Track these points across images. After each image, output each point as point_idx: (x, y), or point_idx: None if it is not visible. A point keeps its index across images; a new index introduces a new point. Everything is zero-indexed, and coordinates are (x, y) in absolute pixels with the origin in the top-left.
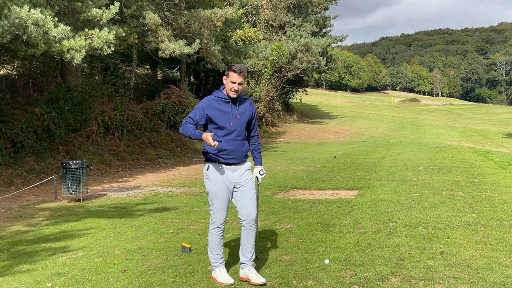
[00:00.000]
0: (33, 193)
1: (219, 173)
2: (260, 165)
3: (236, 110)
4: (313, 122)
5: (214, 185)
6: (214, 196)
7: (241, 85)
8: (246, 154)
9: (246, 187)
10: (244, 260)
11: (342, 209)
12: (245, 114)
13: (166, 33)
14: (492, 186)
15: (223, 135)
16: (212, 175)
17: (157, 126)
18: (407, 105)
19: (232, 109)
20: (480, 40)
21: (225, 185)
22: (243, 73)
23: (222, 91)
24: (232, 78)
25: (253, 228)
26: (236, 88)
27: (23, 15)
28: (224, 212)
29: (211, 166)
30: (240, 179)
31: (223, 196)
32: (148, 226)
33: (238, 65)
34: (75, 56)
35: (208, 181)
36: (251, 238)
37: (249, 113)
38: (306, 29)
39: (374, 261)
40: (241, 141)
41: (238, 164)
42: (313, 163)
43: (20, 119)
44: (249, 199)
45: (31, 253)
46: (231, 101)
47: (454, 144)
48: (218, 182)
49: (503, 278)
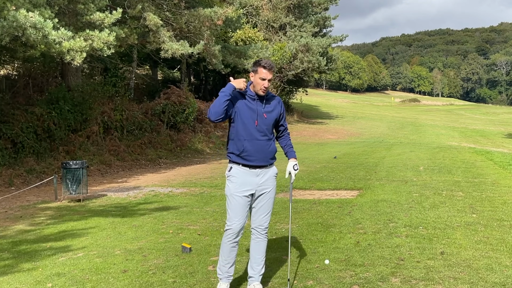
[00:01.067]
0: (33, 194)
1: (241, 176)
2: (294, 158)
3: (263, 108)
4: (313, 122)
5: (232, 187)
6: (231, 199)
7: (271, 81)
8: (273, 156)
9: (267, 196)
10: (252, 274)
11: (342, 210)
12: (273, 113)
13: (167, 33)
14: (492, 186)
15: (246, 134)
16: (233, 176)
17: (157, 126)
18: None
19: (259, 106)
20: (480, 40)
21: (245, 189)
22: (273, 69)
23: (249, 88)
24: (262, 74)
25: (263, 238)
26: (266, 86)
27: (21, 18)
28: (240, 220)
29: (234, 168)
30: (263, 185)
31: (241, 202)
32: (148, 226)
33: (267, 60)
34: (76, 58)
35: (229, 183)
36: (261, 249)
37: (277, 112)
38: (306, 29)
39: (374, 261)
40: (267, 142)
41: (263, 168)
42: (313, 163)
43: (20, 120)
44: (266, 209)
45: (31, 253)
46: (258, 98)
47: (454, 144)
48: (238, 184)
49: (503, 278)
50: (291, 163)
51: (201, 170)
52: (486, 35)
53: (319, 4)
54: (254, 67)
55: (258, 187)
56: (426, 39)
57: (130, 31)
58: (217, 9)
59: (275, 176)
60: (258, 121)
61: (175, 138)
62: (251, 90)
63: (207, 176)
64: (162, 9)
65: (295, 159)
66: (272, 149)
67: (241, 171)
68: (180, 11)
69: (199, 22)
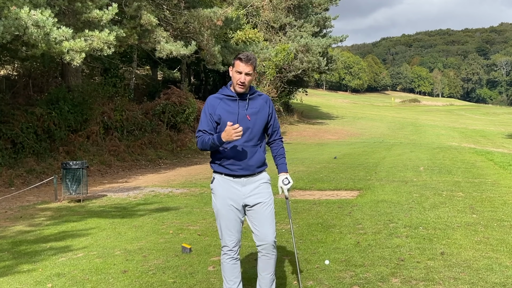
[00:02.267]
0: (33, 194)
1: (225, 188)
2: (284, 172)
3: (245, 110)
4: (313, 123)
5: (218, 202)
6: (219, 215)
7: (250, 76)
8: (261, 163)
9: (262, 204)
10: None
11: (343, 210)
12: (259, 115)
13: (163, 33)
14: (492, 187)
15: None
16: (217, 189)
17: (157, 126)
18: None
19: (240, 108)
20: (481, 41)
21: (231, 202)
22: (251, 61)
23: (229, 88)
24: (238, 67)
25: (272, 255)
26: (243, 80)
27: (23, 16)
28: (232, 235)
29: (216, 178)
30: (251, 194)
31: (230, 216)
32: (148, 226)
33: (245, 52)
34: (75, 58)
35: (213, 197)
36: (269, 267)
37: (264, 113)
38: (306, 29)
39: (374, 261)
40: (252, 148)
41: (249, 176)
42: (313, 163)
43: (20, 120)
44: (265, 218)
45: (31, 253)
46: (238, 98)
47: (454, 144)
48: (223, 198)
49: (503, 278)
50: (281, 177)
51: (201, 171)
52: (486, 35)
53: (319, 5)
54: (233, 60)
55: (247, 198)
56: (426, 39)
57: (130, 31)
58: (217, 9)
59: (268, 183)
60: (240, 124)
61: (175, 138)
62: (230, 89)
63: (207, 176)
64: (162, 9)
65: (286, 173)
66: (258, 156)
67: (225, 181)
68: (180, 11)
69: (199, 22)
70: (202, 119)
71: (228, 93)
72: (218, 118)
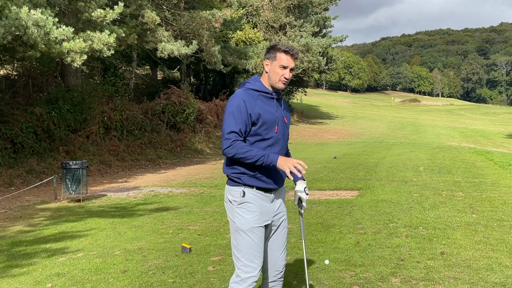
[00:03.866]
0: (33, 194)
1: (258, 203)
2: (302, 179)
3: (282, 111)
4: (313, 123)
5: (252, 218)
6: (251, 235)
7: (292, 71)
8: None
9: (282, 225)
10: None
11: (342, 210)
12: (288, 117)
13: (165, 33)
14: (492, 187)
15: (265, 147)
16: (250, 203)
17: (157, 126)
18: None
19: (278, 108)
20: (481, 41)
21: (265, 220)
22: (297, 55)
23: (261, 82)
24: (283, 61)
25: (279, 283)
26: (288, 76)
27: (23, 16)
28: (260, 261)
29: (248, 192)
30: (278, 212)
31: (262, 236)
32: (148, 226)
33: (286, 44)
34: (76, 59)
35: (243, 212)
36: None
37: (289, 116)
38: (306, 29)
39: (374, 261)
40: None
41: (277, 191)
42: (313, 163)
43: (20, 120)
44: (281, 243)
45: (31, 253)
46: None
47: (454, 144)
48: (258, 214)
49: (503, 278)
50: (302, 185)
51: (201, 170)
52: (486, 35)
53: (319, 4)
54: (269, 53)
55: (274, 215)
56: (426, 39)
57: (130, 30)
58: (216, 12)
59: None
60: (278, 127)
61: (175, 138)
62: (264, 85)
63: (207, 176)
64: (162, 9)
65: (304, 180)
66: None
67: (257, 196)
68: (180, 12)
69: (197, 24)
70: (235, 117)
71: (264, 89)
72: (256, 118)
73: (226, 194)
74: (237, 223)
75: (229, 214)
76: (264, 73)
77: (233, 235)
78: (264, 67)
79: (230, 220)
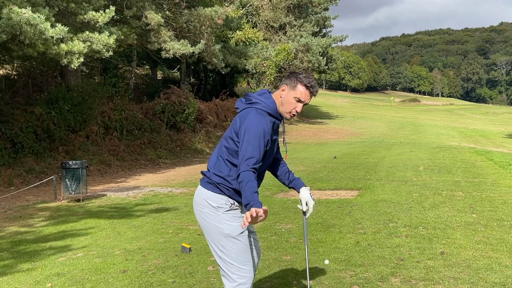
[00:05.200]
0: (33, 193)
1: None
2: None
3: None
4: (313, 122)
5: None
6: (242, 239)
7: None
8: None
9: (254, 233)
10: None
11: (342, 210)
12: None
13: (168, 33)
14: (492, 186)
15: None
16: (237, 210)
17: (157, 126)
18: (407, 105)
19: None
20: (481, 40)
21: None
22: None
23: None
24: (301, 95)
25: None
26: (299, 110)
27: (14, 15)
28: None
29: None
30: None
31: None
32: (148, 226)
33: (311, 79)
34: (73, 61)
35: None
36: None
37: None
38: (306, 29)
39: (374, 261)
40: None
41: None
42: (313, 163)
43: (20, 119)
44: (258, 249)
45: (31, 253)
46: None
47: (454, 144)
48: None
49: (503, 278)
50: (307, 191)
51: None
52: (486, 35)
53: (319, 4)
54: (290, 80)
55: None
56: (426, 39)
57: (129, 30)
58: (218, 8)
59: None
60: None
61: (175, 138)
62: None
63: None
64: (162, 8)
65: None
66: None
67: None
68: (180, 11)
69: (200, 21)
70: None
71: (277, 115)
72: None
73: (205, 200)
74: (226, 229)
75: (210, 221)
76: (278, 96)
77: (218, 243)
78: (281, 92)
79: (213, 226)
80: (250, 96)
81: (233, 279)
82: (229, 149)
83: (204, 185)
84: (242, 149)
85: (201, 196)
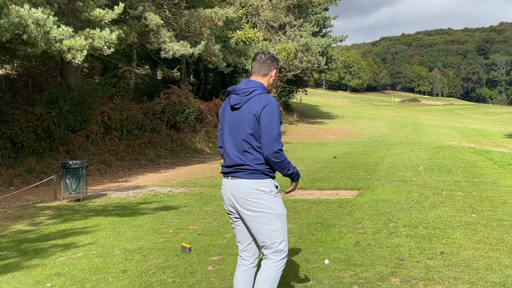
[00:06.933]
0: (33, 193)
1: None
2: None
3: None
4: (313, 122)
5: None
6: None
7: None
8: None
9: None
10: None
11: (342, 209)
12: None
13: (168, 33)
14: (492, 186)
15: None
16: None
17: (157, 126)
18: (407, 105)
19: None
20: (480, 40)
21: None
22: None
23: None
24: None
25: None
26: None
27: (24, 14)
28: None
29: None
30: None
31: None
32: (148, 226)
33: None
34: (76, 56)
35: (279, 200)
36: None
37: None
38: (306, 29)
39: (374, 261)
40: None
41: None
42: (313, 163)
43: (20, 119)
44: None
45: (31, 253)
46: None
47: (454, 144)
48: None
49: (503, 278)
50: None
51: (201, 170)
52: (486, 35)
53: (319, 4)
54: (278, 63)
55: None
56: (426, 39)
57: (130, 30)
58: (218, 10)
59: None
60: None
61: (175, 138)
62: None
63: (207, 176)
64: (162, 9)
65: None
66: None
67: None
68: (180, 11)
69: (200, 22)
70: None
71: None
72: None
73: (257, 188)
74: (279, 209)
75: (264, 204)
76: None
77: (273, 221)
78: (273, 76)
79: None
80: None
81: (284, 251)
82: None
83: (249, 176)
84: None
85: (250, 187)
